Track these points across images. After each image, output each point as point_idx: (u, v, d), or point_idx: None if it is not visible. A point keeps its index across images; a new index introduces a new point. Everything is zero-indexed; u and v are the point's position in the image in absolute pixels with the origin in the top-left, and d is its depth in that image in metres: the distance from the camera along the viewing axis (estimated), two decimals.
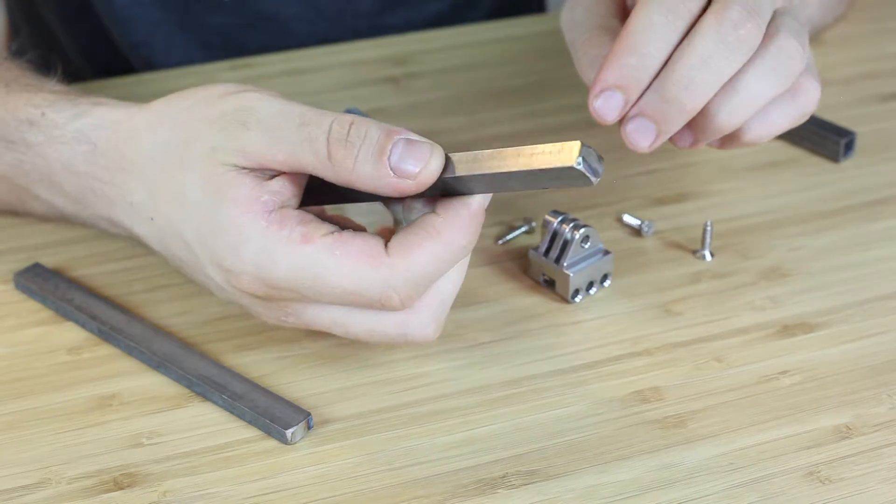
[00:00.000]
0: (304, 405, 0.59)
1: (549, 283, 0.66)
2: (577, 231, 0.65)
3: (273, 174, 0.55)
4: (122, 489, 0.55)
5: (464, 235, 0.55)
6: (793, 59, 0.59)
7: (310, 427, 0.58)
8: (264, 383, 0.60)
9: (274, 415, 0.58)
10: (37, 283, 0.66)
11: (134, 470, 0.56)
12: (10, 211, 0.69)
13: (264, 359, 0.62)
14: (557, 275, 0.65)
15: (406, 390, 0.61)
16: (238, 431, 0.58)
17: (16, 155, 0.64)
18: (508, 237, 0.70)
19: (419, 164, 0.53)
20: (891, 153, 0.78)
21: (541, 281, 0.67)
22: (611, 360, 0.62)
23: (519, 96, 0.83)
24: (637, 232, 0.71)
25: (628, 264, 0.68)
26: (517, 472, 0.56)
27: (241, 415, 0.59)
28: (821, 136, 0.77)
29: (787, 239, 0.71)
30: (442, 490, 0.55)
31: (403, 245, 0.54)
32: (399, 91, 0.84)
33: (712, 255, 0.69)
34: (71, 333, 0.64)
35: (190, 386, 0.60)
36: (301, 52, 0.89)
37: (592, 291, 0.66)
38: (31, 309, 0.65)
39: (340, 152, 0.54)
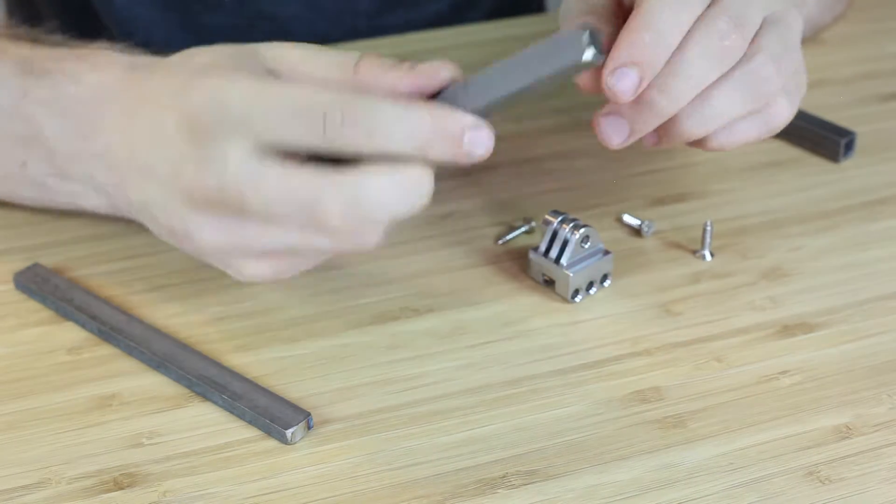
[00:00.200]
0: (304, 405, 0.59)
1: (549, 283, 0.66)
2: (577, 231, 0.65)
3: None
4: (122, 489, 0.55)
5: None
6: (767, 82, 0.59)
7: (310, 427, 0.58)
8: (264, 383, 0.60)
9: (274, 415, 0.58)
10: (37, 283, 0.66)
11: (134, 470, 0.56)
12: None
13: (264, 359, 0.62)
14: (557, 275, 0.65)
15: (406, 390, 0.61)
16: (238, 431, 0.58)
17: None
18: (508, 237, 0.70)
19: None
20: (891, 153, 0.78)
21: (541, 281, 0.67)
22: (611, 360, 0.62)
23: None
24: (637, 232, 0.71)
25: (628, 264, 0.68)
26: (517, 472, 0.56)
27: (241, 415, 0.59)
28: (821, 136, 0.77)
29: (786, 239, 0.70)
30: (442, 490, 0.55)
31: None
32: None
33: (712, 255, 0.69)
34: (71, 333, 0.64)
35: (190, 386, 0.60)
36: None
37: (592, 291, 0.66)
38: (31, 309, 0.65)
39: None
